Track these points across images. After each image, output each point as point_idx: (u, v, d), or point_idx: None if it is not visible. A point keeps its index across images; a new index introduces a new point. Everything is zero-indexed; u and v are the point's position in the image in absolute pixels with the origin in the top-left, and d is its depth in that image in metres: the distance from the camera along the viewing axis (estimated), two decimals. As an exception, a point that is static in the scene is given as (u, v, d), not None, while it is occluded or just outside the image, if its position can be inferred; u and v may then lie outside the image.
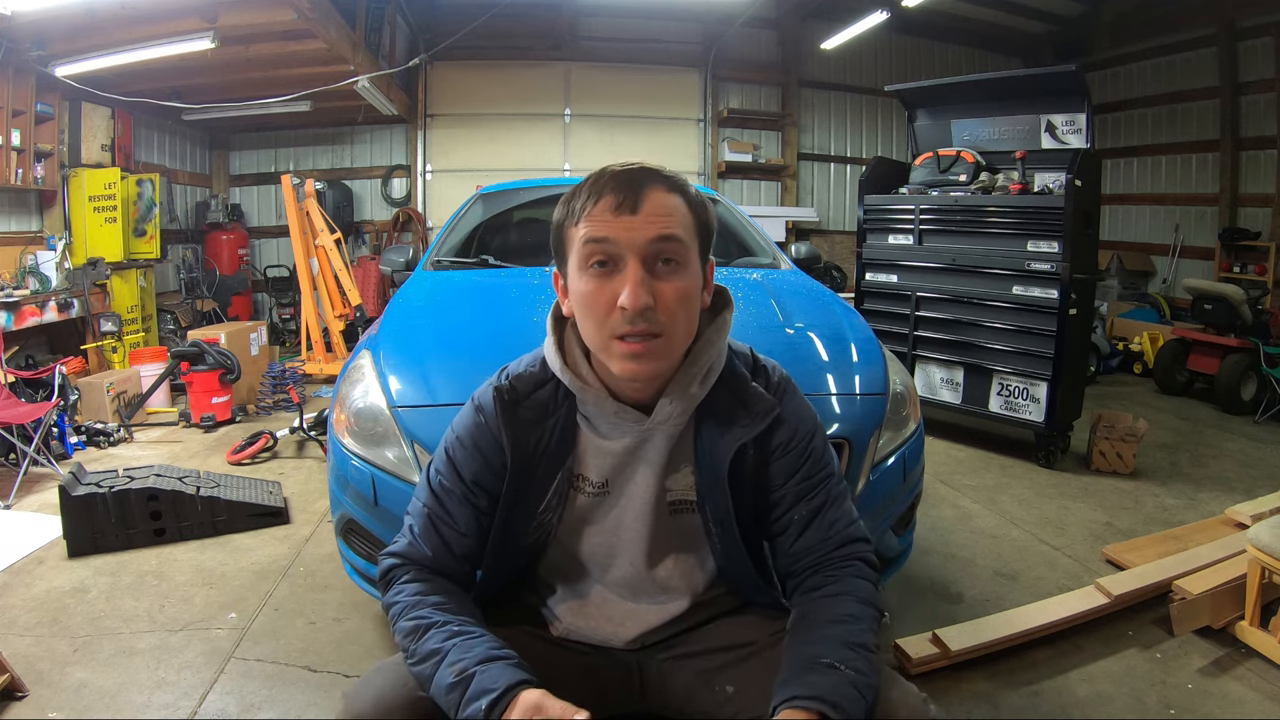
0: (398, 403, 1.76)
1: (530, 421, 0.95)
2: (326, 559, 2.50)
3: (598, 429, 0.96)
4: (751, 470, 0.96)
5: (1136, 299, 6.73)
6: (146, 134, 6.15)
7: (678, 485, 0.98)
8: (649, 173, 0.89)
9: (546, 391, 0.96)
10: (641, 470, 0.96)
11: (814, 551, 0.97)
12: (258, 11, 4.32)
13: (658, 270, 0.86)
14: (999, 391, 3.66)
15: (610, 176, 0.88)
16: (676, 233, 0.87)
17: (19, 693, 1.76)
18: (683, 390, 0.92)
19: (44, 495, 3.05)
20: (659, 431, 0.94)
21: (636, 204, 0.85)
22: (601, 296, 0.86)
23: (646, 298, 0.84)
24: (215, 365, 4.05)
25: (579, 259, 0.87)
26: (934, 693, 1.83)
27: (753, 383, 0.97)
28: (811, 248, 3.20)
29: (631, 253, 0.85)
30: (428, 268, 2.80)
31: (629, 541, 0.98)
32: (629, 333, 0.85)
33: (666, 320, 0.86)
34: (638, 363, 0.86)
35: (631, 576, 0.99)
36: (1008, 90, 3.86)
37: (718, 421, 0.95)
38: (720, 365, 0.95)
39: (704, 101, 7.53)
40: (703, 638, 1.02)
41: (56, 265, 4.64)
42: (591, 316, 0.87)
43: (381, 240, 7.31)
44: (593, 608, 1.02)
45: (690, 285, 0.88)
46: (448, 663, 0.81)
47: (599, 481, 0.97)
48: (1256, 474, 3.55)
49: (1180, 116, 6.83)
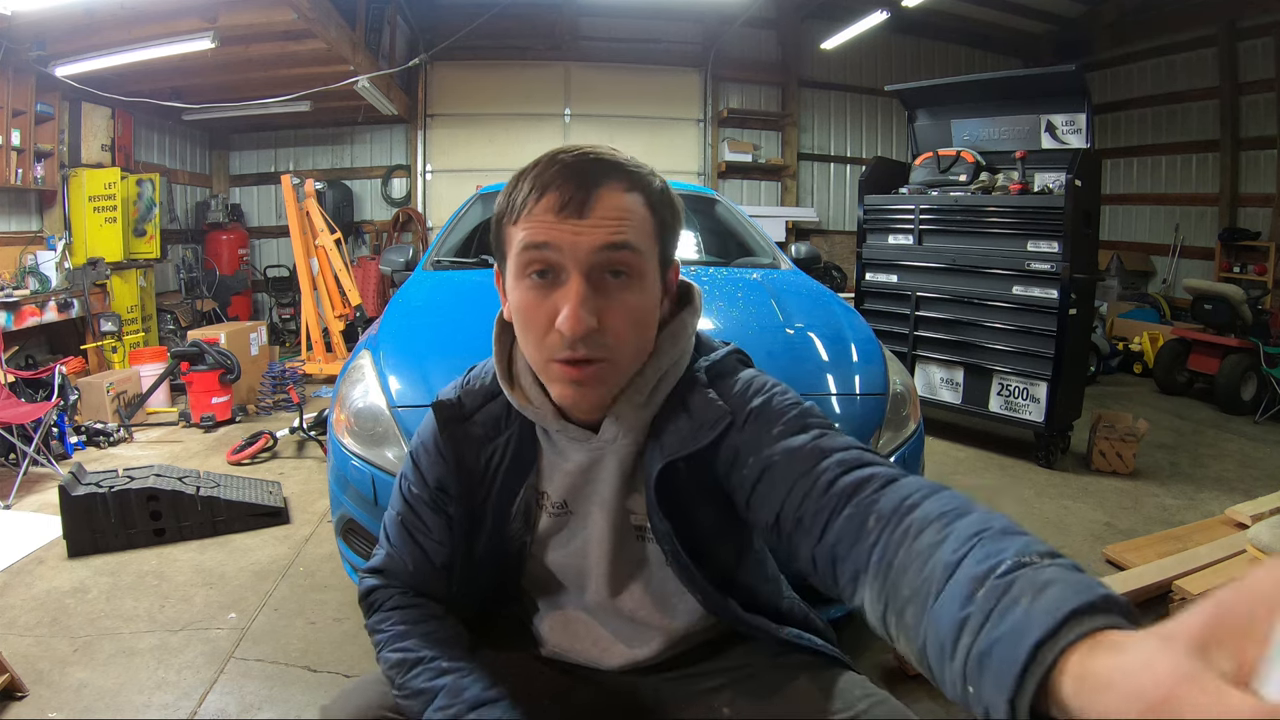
0: (398, 403, 1.76)
1: (480, 438, 0.87)
2: (326, 559, 2.50)
3: (555, 444, 0.86)
4: (693, 488, 0.81)
5: (1136, 299, 6.73)
6: (146, 134, 6.16)
7: (639, 508, 0.86)
8: (603, 165, 0.73)
9: (498, 405, 0.87)
10: (599, 490, 0.86)
11: (854, 523, 0.63)
12: (258, 11, 4.32)
13: (606, 284, 0.73)
14: (999, 391, 3.66)
15: (558, 169, 0.73)
16: (630, 240, 0.73)
17: (19, 693, 1.76)
18: (628, 408, 0.80)
19: (44, 495, 3.05)
20: (609, 450, 0.83)
21: (584, 205, 0.71)
22: (539, 311, 0.73)
23: (589, 320, 0.71)
24: (215, 365, 4.05)
25: (516, 265, 0.74)
26: (934, 693, 1.83)
27: (708, 389, 0.81)
28: (811, 248, 3.21)
29: (574, 264, 0.71)
30: (428, 268, 2.80)
31: (594, 565, 0.89)
32: (569, 358, 0.73)
33: (614, 343, 0.73)
34: (576, 389, 0.75)
35: (601, 603, 0.91)
36: (1008, 90, 3.86)
37: (658, 436, 0.81)
38: (676, 375, 0.82)
39: (704, 101, 7.53)
40: (696, 662, 0.95)
41: (56, 265, 4.64)
42: (528, 332, 0.75)
43: (381, 240, 7.31)
44: (577, 627, 0.95)
45: (643, 303, 0.75)
46: (436, 707, 0.78)
47: (558, 501, 0.88)
48: (1256, 474, 3.55)
49: (1180, 116, 6.84)
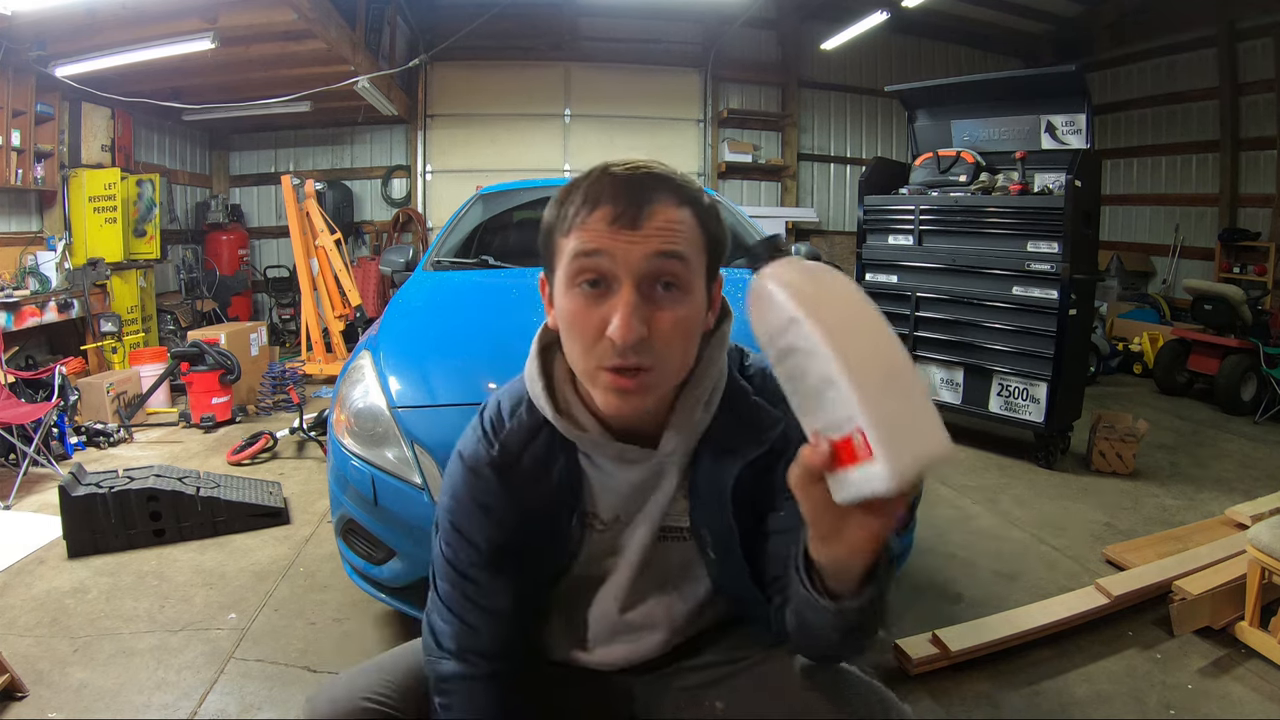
0: (398, 403, 1.76)
1: (532, 479, 0.88)
2: (326, 559, 2.50)
3: (602, 468, 0.89)
4: (750, 488, 0.88)
5: (1136, 299, 6.72)
6: (146, 134, 6.15)
7: (671, 510, 0.91)
8: (655, 180, 0.77)
9: (541, 441, 0.88)
10: (655, 500, 0.90)
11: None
12: (258, 12, 4.32)
13: (656, 296, 0.75)
14: (999, 392, 3.66)
15: (610, 182, 0.76)
16: (681, 250, 0.76)
17: (19, 693, 1.76)
18: (686, 420, 0.85)
19: (44, 495, 3.05)
20: (668, 464, 0.88)
21: (637, 218, 0.74)
22: (590, 320, 0.75)
23: (640, 329, 0.73)
24: (215, 366, 4.05)
25: (567, 274, 0.77)
26: (934, 693, 1.83)
27: (754, 397, 0.88)
28: (811, 248, 3.22)
29: (627, 273, 0.74)
30: (428, 268, 2.80)
31: (624, 568, 0.93)
32: (618, 366, 0.75)
33: (661, 351, 0.76)
34: (623, 399, 0.77)
35: (617, 606, 0.95)
36: (1008, 90, 3.85)
37: (717, 445, 0.87)
38: (723, 385, 0.87)
39: (704, 102, 7.52)
40: (693, 655, 0.99)
41: (56, 265, 4.64)
42: (578, 341, 0.77)
43: (381, 241, 7.30)
44: (584, 632, 0.98)
45: (692, 314, 0.78)
46: None
47: (609, 518, 0.92)
48: (1256, 474, 3.55)
49: (1180, 117, 6.83)
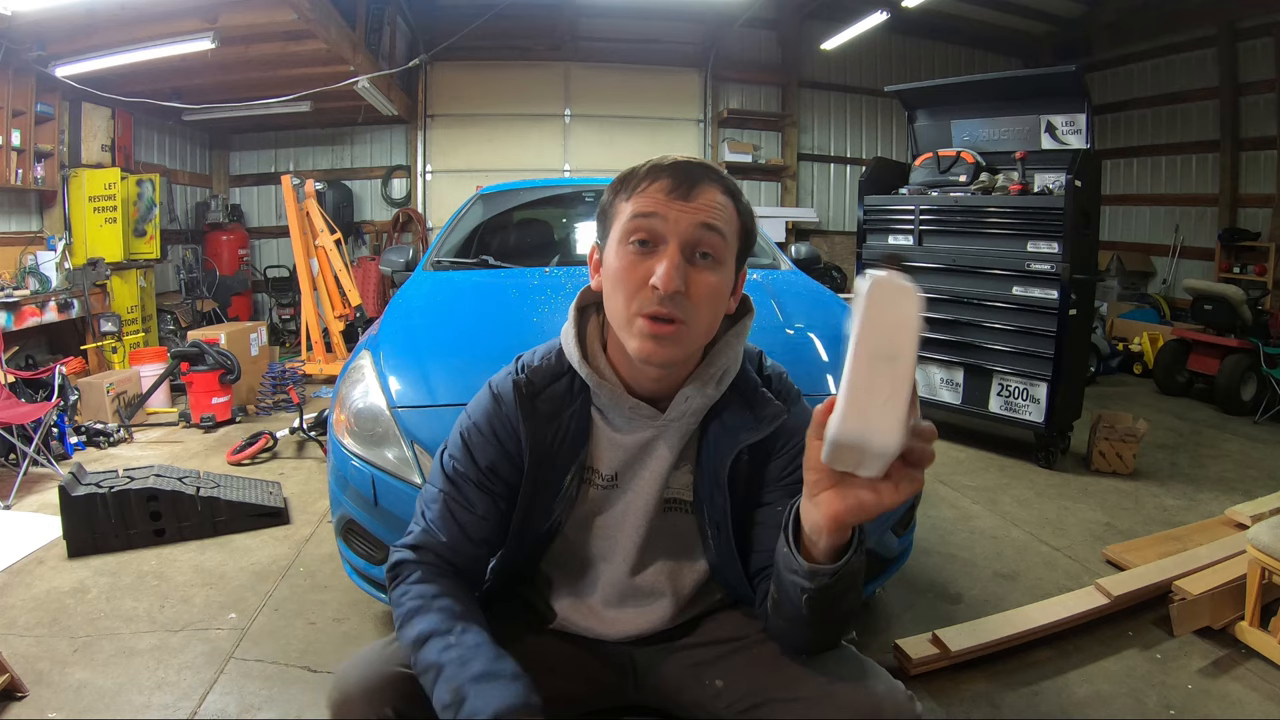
0: (398, 403, 1.76)
1: (547, 415, 0.96)
2: (326, 559, 2.50)
3: (611, 422, 0.98)
4: (746, 473, 0.97)
5: (1136, 299, 6.73)
6: (146, 134, 6.15)
7: (676, 483, 0.99)
8: (708, 169, 0.91)
9: (562, 384, 0.98)
10: (650, 465, 0.98)
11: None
12: (258, 12, 4.32)
13: (695, 261, 0.87)
14: (999, 392, 3.66)
15: (670, 164, 0.90)
16: (722, 228, 0.88)
17: (19, 693, 1.76)
18: (700, 387, 0.94)
19: (44, 495, 3.05)
20: (672, 427, 0.96)
21: (690, 192, 0.87)
22: (636, 272, 0.87)
23: (680, 282, 0.85)
24: (215, 365, 4.05)
25: (621, 232, 0.89)
26: (934, 693, 1.83)
27: (762, 388, 0.98)
28: (811, 248, 3.21)
29: (675, 236, 0.86)
30: (428, 268, 2.80)
31: (626, 536, 1.00)
32: (656, 313, 0.85)
33: (693, 309, 0.87)
34: (656, 344, 0.87)
35: (621, 574, 1.01)
36: (1008, 91, 3.85)
37: (724, 424, 0.96)
38: (736, 369, 0.97)
39: (704, 102, 7.53)
40: (693, 633, 1.04)
41: (56, 265, 4.64)
42: (622, 290, 0.88)
43: (381, 241, 7.30)
44: (587, 606, 1.03)
45: (722, 282, 0.90)
46: (444, 678, 0.81)
47: (609, 475, 0.99)
48: (1256, 474, 3.55)
49: (1180, 117, 6.83)
